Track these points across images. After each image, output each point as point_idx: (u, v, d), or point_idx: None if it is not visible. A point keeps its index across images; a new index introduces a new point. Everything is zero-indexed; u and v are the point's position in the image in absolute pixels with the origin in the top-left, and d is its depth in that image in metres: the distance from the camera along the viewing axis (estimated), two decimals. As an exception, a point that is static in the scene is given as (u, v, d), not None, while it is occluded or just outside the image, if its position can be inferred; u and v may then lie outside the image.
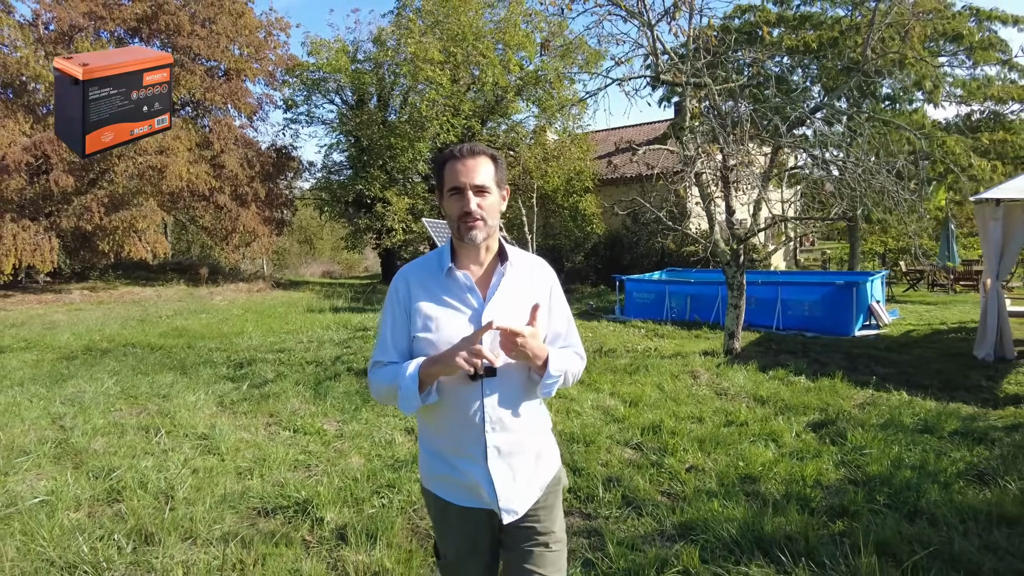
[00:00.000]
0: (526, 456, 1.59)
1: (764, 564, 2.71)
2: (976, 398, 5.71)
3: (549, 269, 1.72)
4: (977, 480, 3.72)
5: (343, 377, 6.49)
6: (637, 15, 6.64)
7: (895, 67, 10.76)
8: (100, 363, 7.40)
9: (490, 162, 1.56)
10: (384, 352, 1.62)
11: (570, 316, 1.75)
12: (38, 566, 2.74)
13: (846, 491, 3.53)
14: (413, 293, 1.59)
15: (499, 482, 1.53)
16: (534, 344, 1.47)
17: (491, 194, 1.55)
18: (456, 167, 1.53)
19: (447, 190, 1.55)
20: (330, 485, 3.62)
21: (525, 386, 1.59)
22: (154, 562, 2.80)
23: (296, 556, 2.85)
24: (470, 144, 1.57)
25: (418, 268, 1.64)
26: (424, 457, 1.67)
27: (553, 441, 1.73)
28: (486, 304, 1.55)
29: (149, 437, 4.64)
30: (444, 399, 1.54)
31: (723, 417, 4.96)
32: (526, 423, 1.59)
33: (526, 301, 1.57)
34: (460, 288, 1.57)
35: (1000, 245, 7.00)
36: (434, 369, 1.48)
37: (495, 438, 1.53)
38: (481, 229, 1.53)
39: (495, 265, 1.62)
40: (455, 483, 1.57)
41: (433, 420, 1.61)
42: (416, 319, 1.56)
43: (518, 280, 1.61)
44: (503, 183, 1.61)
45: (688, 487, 3.54)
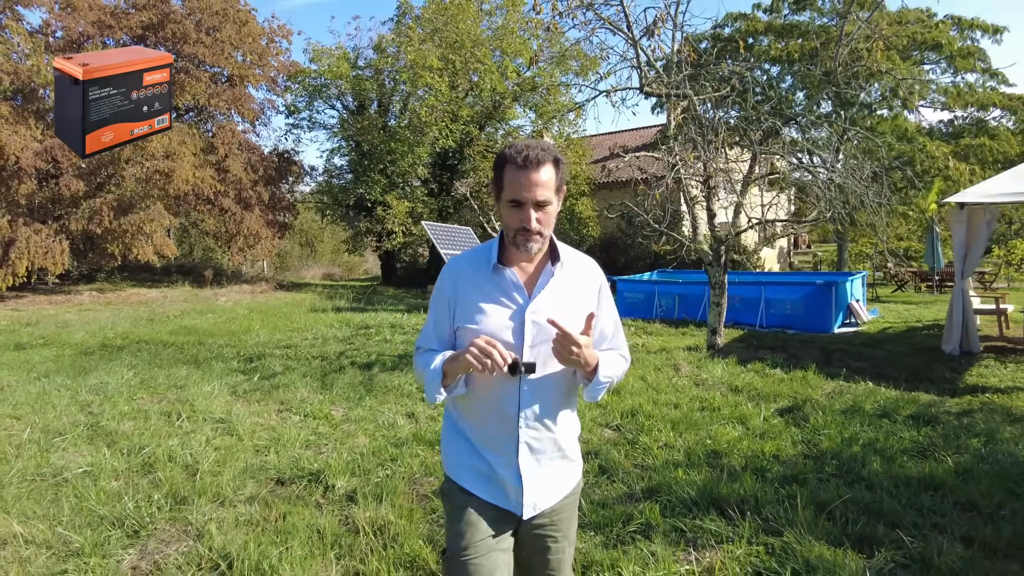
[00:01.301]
0: (555, 456, 1.60)
1: (716, 518, 3.14)
2: (938, 388, 6.14)
3: (598, 270, 1.70)
4: (919, 455, 4.15)
5: (347, 370, 6.93)
6: (623, 30, 7.10)
7: (869, 78, 11.21)
8: (117, 358, 7.83)
9: (553, 169, 1.50)
10: (426, 339, 1.66)
11: (617, 318, 1.75)
12: (91, 520, 3.18)
13: (799, 463, 3.96)
14: (459, 286, 1.59)
15: (527, 476, 1.55)
16: (587, 353, 1.47)
17: (552, 205, 1.52)
18: (520, 179, 1.46)
19: (507, 199, 1.50)
20: (339, 459, 4.06)
21: (566, 387, 1.60)
22: (189, 518, 3.23)
23: (312, 514, 3.28)
24: (534, 150, 1.47)
25: (466, 262, 1.64)
26: (452, 444, 1.66)
27: (579, 449, 1.73)
28: (531, 301, 1.54)
29: (171, 421, 5.07)
30: (479, 391, 1.56)
31: (698, 404, 5.40)
32: (560, 424, 1.60)
33: (571, 302, 1.58)
34: (507, 284, 1.56)
35: (964, 246, 7.45)
36: (452, 366, 1.50)
37: (528, 434, 1.55)
38: (538, 242, 1.52)
39: (544, 264, 1.60)
40: (483, 474, 1.58)
41: (467, 409, 1.63)
42: (460, 311, 1.57)
43: (566, 281, 1.60)
44: (562, 186, 1.57)
45: (658, 460, 3.97)
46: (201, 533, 3.07)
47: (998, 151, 13.48)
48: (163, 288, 18.38)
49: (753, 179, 7.32)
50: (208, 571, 2.74)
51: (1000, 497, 3.41)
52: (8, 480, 3.73)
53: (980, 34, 14.95)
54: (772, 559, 2.73)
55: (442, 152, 20.20)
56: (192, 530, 3.13)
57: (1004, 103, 14.67)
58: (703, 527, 3.04)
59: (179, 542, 3.02)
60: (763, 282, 10.37)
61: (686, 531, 3.01)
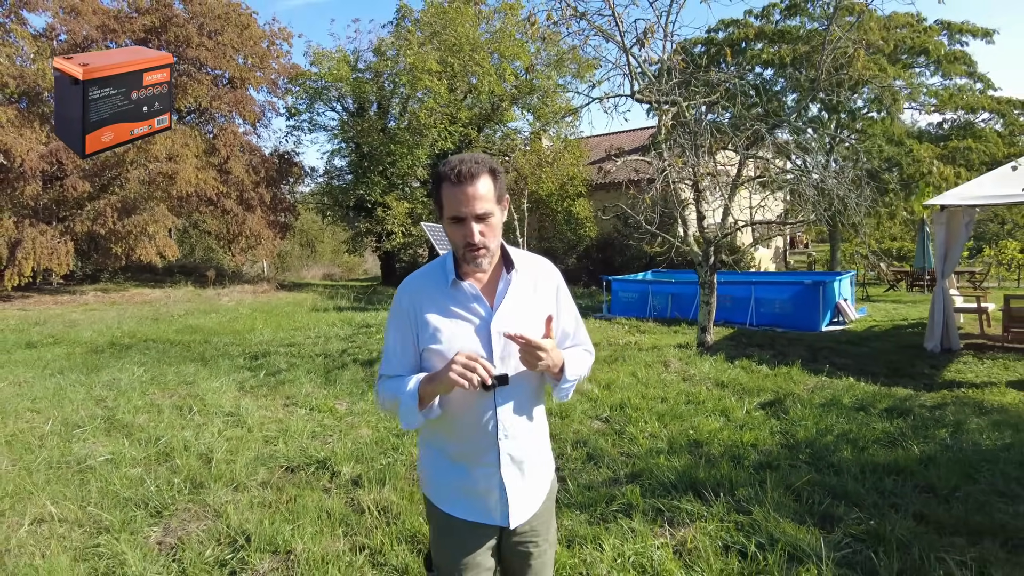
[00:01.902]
0: (532, 461, 1.61)
1: (693, 499, 3.42)
2: (917, 383, 6.42)
3: (553, 269, 1.71)
4: (888, 444, 4.43)
5: (350, 367, 7.20)
6: (615, 39, 7.37)
7: (854, 86, 11.48)
8: (126, 356, 8.09)
9: (489, 180, 1.49)
10: (389, 366, 1.61)
11: (577, 313, 1.76)
12: (116, 502, 3.45)
13: (775, 452, 4.24)
14: (418, 305, 1.56)
15: (511, 487, 1.55)
16: (554, 355, 1.47)
17: (493, 216, 1.51)
18: (456, 195, 1.46)
19: (448, 217, 1.50)
20: (344, 448, 4.33)
21: (536, 392, 1.62)
22: (207, 500, 3.50)
23: (320, 497, 3.55)
24: (468, 163, 1.47)
25: (421, 279, 1.62)
26: (430, 465, 1.65)
27: (550, 448, 1.76)
28: (494, 312, 1.53)
29: (184, 414, 5.34)
30: (457, 409, 1.53)
31: (684, 397, 5.67)
32: (534, 429, 1.62)
33: (533, 306, 1.58)
34: (466, 298, 1.54)
35: (944, 246, 7.73)
36: (431, 388, 1.46)
37: (508, 445, 1.54)
38: (486, 256, 1.52)
39: (500, 272, 1.59)
40: (465, 493, 1.57)
41: (442, 428, 1.59)
42: (424, 331, 1.54)
43: (524, 286, 1.60)
44: (503, 195, 1.55)
45: (642, 448, 4.25)
46: (219, 513, 3.34)
47: (985, 153, 13.77)
48: (166, 288, 18.65)
49: (741, 182, 7.59)
50: (227, 546, 3.01)
51: (957, 480, 3.69)
52: (36, 467, 4.00)
53: (970, 38, 15.23)
54: (740, 534, 3.01)
55: (441, 154, 20.46)
56: (210, 511, 3.40)
57: (992, 106, 14.97)
58: (680, 507, 3.31)
59: (199, 521, 3.29)
60: (753, 282, 10.65)
61: (664, 510, 3.29)
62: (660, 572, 2.68)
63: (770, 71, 15.43)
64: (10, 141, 14.59)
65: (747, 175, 7.50)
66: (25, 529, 3.13)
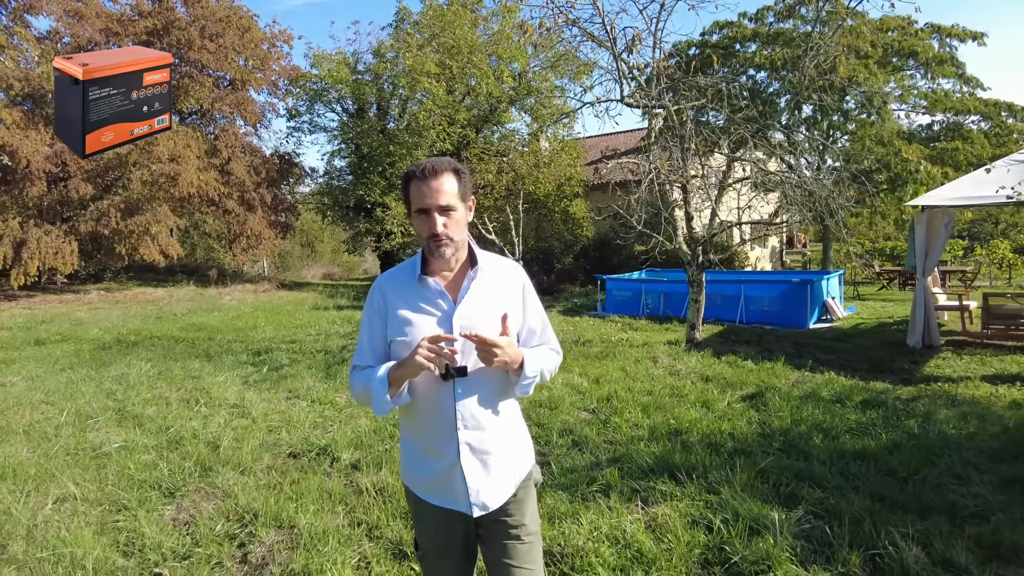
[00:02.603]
0: (499, 453, 1.65)
1: (667, 481, 3.67)
2: (896, 378, 6.66)
3: (519, 270, 1.78)
4: (859, 433, 4.68)
5: (349, 362, 7.44)
6: (606, 45, 7.62)
7: (840, 91, 11.73)
8: (133, 352, 8.35)
9: (453, 178, 1.60)
10: (362, 357, 1.71)
11: (544, 313, 1.82)
12: (132, 483, 3.70)
13: (750, 440, 4.49)
14: (388, 300, 1.67)
15: (471, 477, 1.60)
16: (510, 351, 1.54)
17: (456, 211, 1.60)
18: (421, 189, 1.57)
19: (414, 210, 1.62)
20: (344, 436, 4.58)
21: (500, 385, 1.66)
22: (216, 482, 3.76)
23: (322, 479, 3.81)
24: (432, 162, 1.60)
25: (393, 277, 1.73)
26: (403, 453, 1.76)
27: (527, 438, 1.81)
28: (456, 307, 1.62)
29: (190, 406, 5.59)
30: (418, 399, 1.62)
31: (669, 390, 5.93)
32: (500, 421, 1.66)
33: (496, 303, 1.65)
34: (431, 293, 1.64)
35: (925, 246, 7.98)
36: (400, 372, 1.55)
37: (468, 435, 1.60)
38: (449, 246, 1.60)
39: (465, 270, 1.68)
40: (430, 482, 1.66)
41: (409, 419, 1.69)
42: (391, 324, 1.64)
43: (488, 283, 1.67)
44: (468, 195, 1.66)
45: (625, 436, 4.51)
46: (228, 494, 3.60)
47: (971, 154, 14.03)
48: (168, 287, 18.91)
49: (728, 184, 7.84)
50: (236, 522, 3.27)
51: (917, 465, 3.94)
52: (55, 454, 4.26)
53: (959, 41, 15.49)
54: (708, 511, 3.26)
55: (440, 154, 20.72)
56: (219, 492, 3.66)
57: (980, 109, 15.22)
58: (655, 488, 3.57)
59: (209, 500, 3.55)
60: (743, 280, 10.90)
61: (640, 491, 3.54)
62: (632, 543, 2.93)
63: (763, 74, 15.69)
64: (16, 143, 14.85)
65: (734, 177, 7.75)
66: (49, 507, 3.39)
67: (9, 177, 16.38)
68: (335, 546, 2.92)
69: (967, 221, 23.96)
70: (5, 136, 14.71)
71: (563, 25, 7.75)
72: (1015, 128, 15.05)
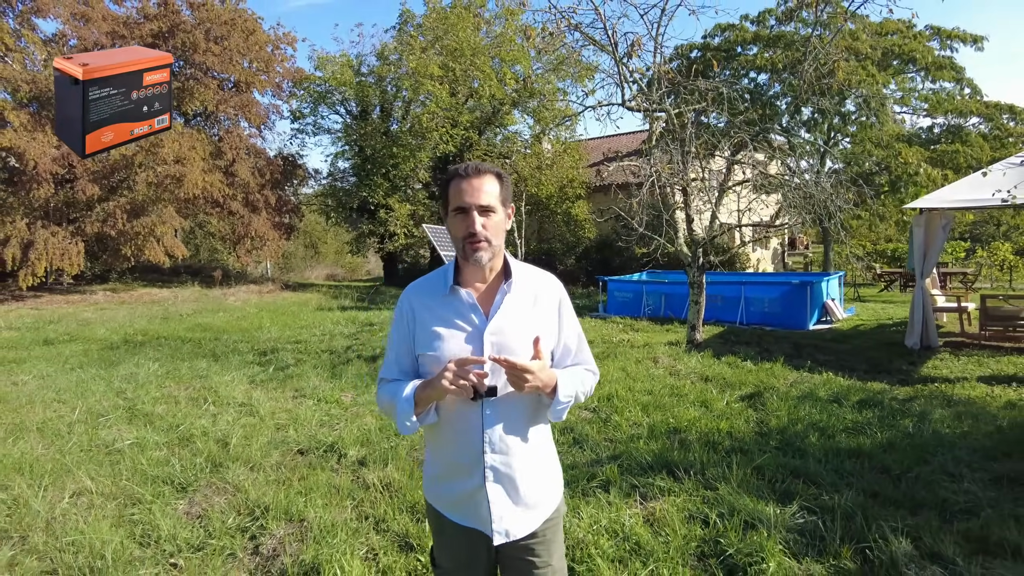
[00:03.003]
0: (527, 480, 1.57)
1: (666, 477, 3.77)
2: (894, 378, 6.75)
3: (556, 283, 1.69)
4: (855, 432, 4.77)
5: (354, 362, 7.56)
6: (608, 49, 7.73)
7: (837, 95, 11.82)
8: (140, 352, 8.47)
9: (495, 180, 1.55)
10: (389, 370, 1.65)
11: (580, 330, 1.73)
12: (145, 479, 3.81)
13: (748, 438, 4.59)
14: (417, 312, 1.59)
15: (496, 503, 1.53)
16: (542, 375, 1.46)
17: (496, 213, 1.54)
18: (461, 186, 1.51)
19: (452, 209, 1.54)
20: (350, 434, 4.69)
21: (531, 409, 1.58)
22: (227, 478, 3.87)
23: (329, 475, 3.91)
24: (475, 163, 1.55)
25: (422, 287, 1.64)
26: (427, 470, 1.69)
27: (556, 466, 1.72)
28: (488, 322, 1.54)
29: (199, 405, 5.70)
30: (444, 419, 1.55)
31: (669, 390, 6.02)
32: (529, 446, 1.57)
33: (530, 319, 1.57)
34: (463, 306, 1.55)
35: (923, 248, 8.07)
36: (426, 393, 1.48)
37: (494, 459, 1.53)
38: (486, 250, 1.52)
39: (499, 283, 1.59)
40: (454, 502, 1.59)
41: (434, 438, 1.63)
42: (420, 337, 1.57)
43: (522, 297, 1.59)
44: (508, 201, 1.60)
45: (625, 434, 4.60)
46: (238, 489, 3.71)
47: (971, 156, 14.11)
48: (173, 288, 19.05)
49: (728, 187, 7.94)
50: (247, 515, 3.37)
51: (911, 463, 4.03)
52: (68, 450, 4.37)
53: (961, 44, 15.56)
54: (705, 506, 3.36)
55: (443, 156, 20.86)
56: (230, 487, 3.77)
57: (981, 111, 15.30)
58: (653, 483, 3.67)
59: (221, 495, 3.65)
60: (743, 282, 11.00)
61: (639, 486, 3.64)
62: (630, 536, 3.03)
63: (765, 76, 15.77)
64: (24, 145, 15.00)
65: (734, 180, 7.85)
66: (66, 501, 3.50)
67: (16, 179, 16.54)
68: (344, 538, 3.02)
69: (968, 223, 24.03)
70: (13, 138, 14.86)
71: (566, 30, 7.86)
72: (1015, 131, 15.12)
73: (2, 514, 3.33)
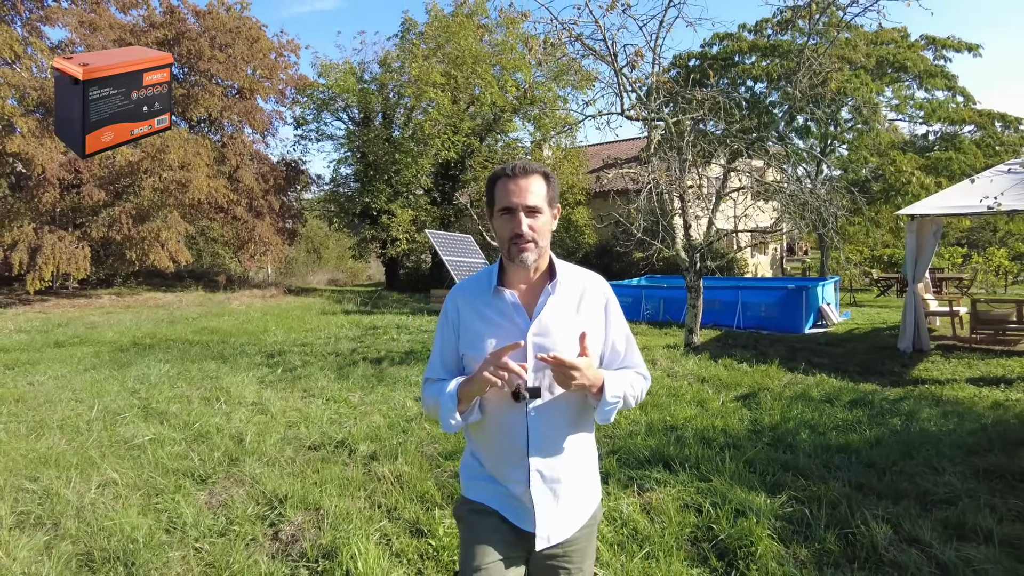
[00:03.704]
0: (570, 484, 1.56)
1: (662, 471, 3.96)
2: (885, 380, 6.95)
3: (603, 284, 1.66)
4: (845, 429, 4.96)
5: (360, 364, 7.76)
6: (608, 60, 7.96)
7: (830, 104, 12.07)
8: (150, 354, 8.66)
9: (542, 180, 1.53)
10: (434, 370, 1.65)
11: (629, 333, 1.69)
12: (166, 472, 4.00)
13: (742, 435, 4.78)
14: (462, 312, 1.59)
15: (540, 507, 1.51)
16: (589, 374, 1.44)
17: (543, 214, 1.52)
18: (508, 186, 1.50)
19: (498, 209, 1.53)
20: (360, 431, 4.88)
21: (577, 410, 1.55)
22: (244, 470, 4.06)
23: (341, 468, 4.10)
24: (523, 162, 1.54)
25: (468, 287, 1.64)
26: (469, 469, 1.66)
27: (596, 473, 1.69)
28: (532, 322, 1.52)
29: (211, 404, 5.89)
30: (488, 419, 1.54)
31: (666, 390, 6.22)
32: (574, 450, 1.56)
33: (575, 319, 1.55)
34: (506, 307, 1.55)
35: (915, 253, 8.27)
36: (468, 388, 1.48)
37: (539, 463, 1.51)
38: (532, 251, 1.51)
39: (544, 283, 1.58)
40: (500, 495, 1.57)
41: (478, 438, 1.61)
42: (464, 337, 1.57)
43: (567, 298, 1.57)
44: (555, 201, 1.58)
45: (623, 431, 4.80)
46: (256, 481, 3.90)
47: (965, 164, 14.35)
48: (177, 292, 19.28)
49: (724, 194, 8.15)
50: (265, 505, 3.56)
51: (896, 458, 4.22)
52: (89, 446, 4.56)
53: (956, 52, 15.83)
54: (699, 496, 3.55)
55: (444, 163, 21.11)
56: (248, 479, 3.96)
57: (975, 118, 15.55)
58: (650, 476, 3.86)
59: (240, 487, 3.84)
60: (740, 287, 11.21)
61: (636, 478, 3.83)
62: (628, 522, 3.22)
63: (762, 85, 16.03)
64: (32, 150, 15.24)
65: (731, 187, 8.07)
66: (93, 492, 3.69)
67: (24, 184, 16.78)
68: (358, 524, 3.21)
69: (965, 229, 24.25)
70: (21, 144, 15.10)
71: (567, 41, 8.09)
72: (1008, 140, 15.38)
73: (34, 502, 3.53)
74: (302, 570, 2.87)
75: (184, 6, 19.92)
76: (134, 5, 19.39)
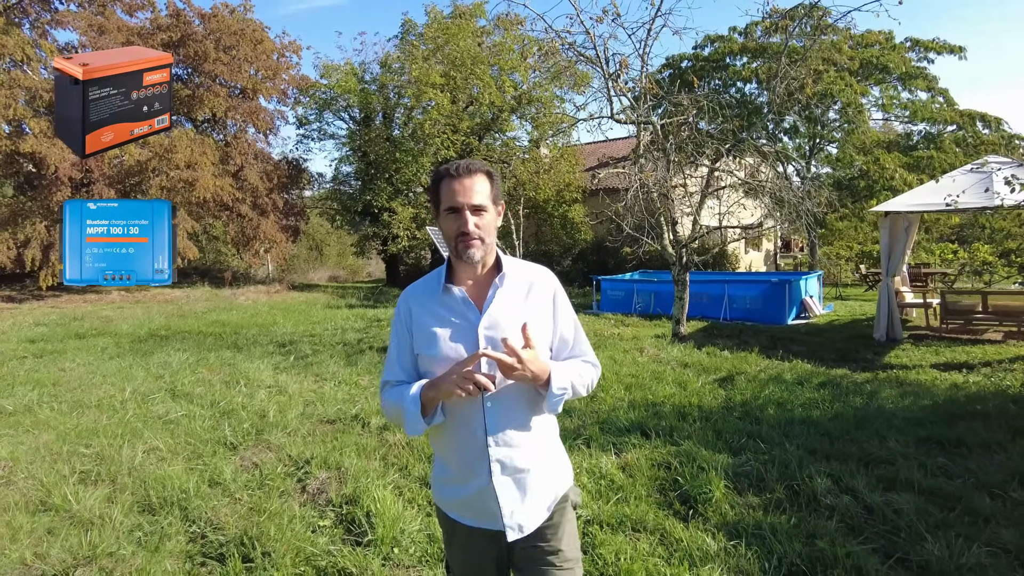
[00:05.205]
0: (534, 472, 1.57)
1: (639, 437, 4.49)
2: (857, 366, 7.47)
3: (550, 276, 1.70)
4: (810, 407, 5.49)
5: (367, 352, 8.28)
6: (598, 66, 8.48)
7: (806, 107, 12.60)
8: (168, 344, 9.17)
9: (486, 179, 1.56)
10: (391, 372, 1.65)
11: (577, 322, 1.72)
12: (204, 440, 4.53)
13: (715, 410, 5.31)
14: (414, 313, 1.61)
15: (504, 498, 1.54)
16: (533, 367, 1.45)
17: (488, 212, 1.56)
18: (453, 186, 1.53)
19: (444, 209, 1.55)
20: (372, 407, 5.41)
21: (530, 400, 1.57)
22: (269, 440, 4.58)
23: (357, 437, 4.63)
24: (466, 161, 1.57)
25: (418, 288, 1.67)
26: (435, 473, 1.71)
27: (564, 457, 1.73)
28: (481, 316, 1.55)
29: (232, 387, 6.41)
30: (449, 416, 1.55)
31: (651, 374, 6.75)
32: (533, 438, 1.58)
33: (523, 311, 1.58)
34: (457, 303, 1.58)
35: (888, 247, 8.80)
36: (432, 393, 1.49)
37: (499, 452, 1.53)
38: (479, 248, 1.54)
39: (491, 277, 1.61)
40: (463, 503, 1.59)
41: (439, 437, 1.63)
42: (417, 337, 1.59)
43: (515, 290, 1.60)
44: (499, 199, 1.62)
45: (608, 406, 5.33)
46: (281, 447, 4.42)
47: (945, 162, 14.87)
48: (184, 288, 19.78)
49: (710, 192, 8.68)
50: (291, 466, 4.09)
51: (850, 428, 4.75)
52: (126, 421, 5.08)
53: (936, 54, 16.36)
54: (669, 456, 4.08)
55: (444, 161, 21.59)
56: (274, 447, 4.48)
57: (956, 119, 16.09)
58: (628, 441, 4.39)
59: (268, 452, 4.37)
60: (726, 280, 11.74)
61: (615, 443, 4.36)
62: (606, 476, 3.75)
63: (751, 86, 16.57)
64: (44, 151, 15.73)
65: (715, 185, 8.59)
66: (140, 456, 4.21)
67: (36, 183, 17.26)
68: (375, 479, 3.74)
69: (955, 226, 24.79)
70: (33, 144, 15.59)
71: (561, 47, 8.60)
72: (988, 139, 15.91)
73: (92, 462, 4.05)
74: (329, 513, 3.39)
75: (189, 9, 20.40)
76: (140, 8, 19.87)
